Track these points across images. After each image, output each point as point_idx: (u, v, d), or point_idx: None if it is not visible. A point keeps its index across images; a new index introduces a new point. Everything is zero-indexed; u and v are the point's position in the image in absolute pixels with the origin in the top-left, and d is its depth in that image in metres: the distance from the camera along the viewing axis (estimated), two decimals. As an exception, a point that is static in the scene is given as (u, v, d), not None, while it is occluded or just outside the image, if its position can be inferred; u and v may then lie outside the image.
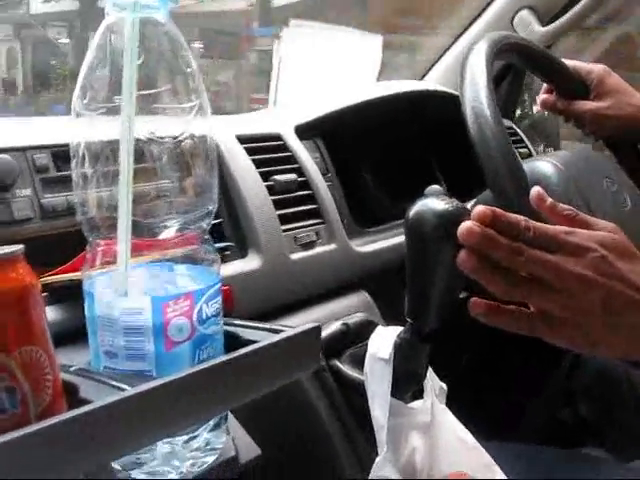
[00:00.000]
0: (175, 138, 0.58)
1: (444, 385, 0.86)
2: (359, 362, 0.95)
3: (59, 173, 0.82)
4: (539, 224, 0.65)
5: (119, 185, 0.55)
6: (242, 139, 1.05)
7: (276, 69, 1.88)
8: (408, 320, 0.79)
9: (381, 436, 0.80)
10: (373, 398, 0.81)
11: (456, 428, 0.84)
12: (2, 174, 0.76)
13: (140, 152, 0.57)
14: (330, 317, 1.02)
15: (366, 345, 0.93)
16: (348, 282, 1.10)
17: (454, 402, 0.85)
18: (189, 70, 0.58)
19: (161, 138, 0.58)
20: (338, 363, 0.98)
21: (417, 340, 0.79)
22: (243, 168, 1.01)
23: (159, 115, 0.57)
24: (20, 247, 0.49)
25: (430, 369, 0.84)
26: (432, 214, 0.69)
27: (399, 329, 0.82)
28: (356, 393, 0.87)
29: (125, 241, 0.55)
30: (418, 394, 0.87)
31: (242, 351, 0.54)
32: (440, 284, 0.74)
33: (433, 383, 0.84)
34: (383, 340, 0.82)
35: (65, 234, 0.79)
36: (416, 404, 0.85)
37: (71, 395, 0.52)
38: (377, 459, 0.80)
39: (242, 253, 0.96)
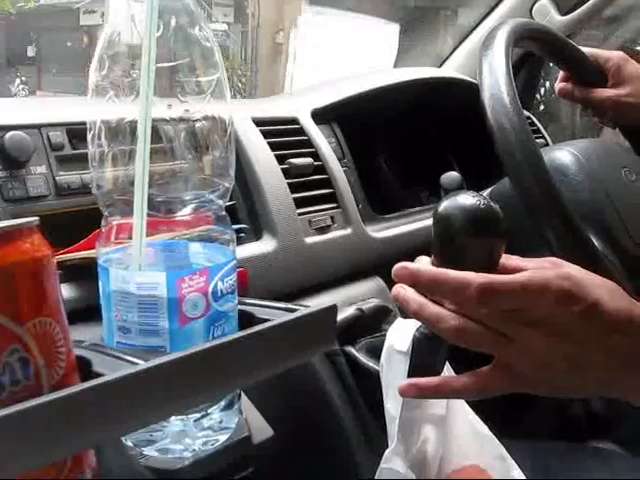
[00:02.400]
0: (193, 115, 0.58)
1: None
2: (374, 351, 0.94)
3: (74, 151, 0.82)
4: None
5: (136, 160, 0.55)
6: (258, 122, 1.04)
7: (292, 56, 1.88)
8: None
9: (392, 428, 0.80)
10: (387, 390, 0.81)
11: (471, 419, 0.84)
12: (17, 151, 0.76)
13: (158, 130, 0.56)
14: (344, 302, 1.01)
15: (382, 335, 0.93)
16: (362, 267, 1.10)
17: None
18: (208, 44, 0.57)
19: (179, 117, 0.58)
20: (353, 350, 0.97)
21: (437, 338, 0.79)
22: (259, 151, 1.00)
23: (177, 90, 0.56)
24: (35, 219, 0.48)
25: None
26: (461, 210, 0.68)
27: (418, 323, 0.82)
28: (370, 381, 0.87)
29: (141, 216, 0.55)
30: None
31: (257, 328, 0.53)
32: None
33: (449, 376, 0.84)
34: (402, 333, 0.82)
35: (79, 212, 0.79)
36: None
37: (84, 369, 0.51)
38: (387, 451, 0.80)
39: (257, 236, 0.96)
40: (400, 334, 0.82)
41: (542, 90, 2.09)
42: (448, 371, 0.84)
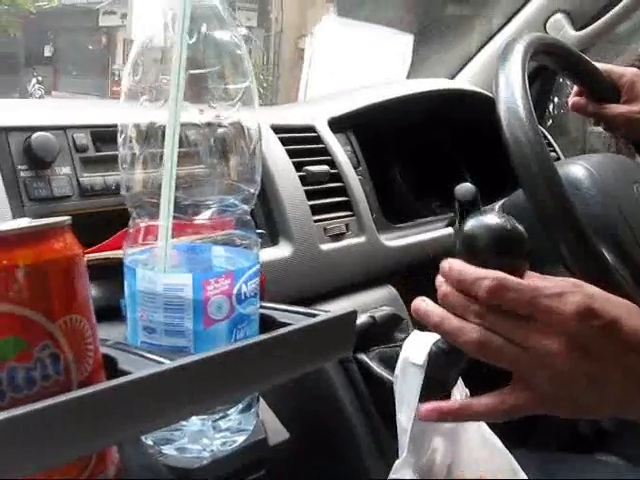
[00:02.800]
0: (222, 121, 0.59)
1: (468, 392, 0.86)
2: (387, 361, 0.95)
3: (98, 153, 0.83)
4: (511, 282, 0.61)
5: (164, 161, 0.56)
6: (277, 129, 1.06)
7: (307, 64, 1.89)
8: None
9: (403, 440, 0.80)
10: (401, 402, 0.81)
11: (483, 430, 0.84)
12: (43, 151, 0.77)
13: (187, 135, 0.57)
14: (357, 309, 1.01)
15: (395, 345, 0.94)
16: (375, 275, 1.11)
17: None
18: (239, 52, 0.58)
19: (209, 122, 0.59)
20: (366, 359, 0.97)
21: (455, 353, 0.79)
22: (277, 157, 1.02)
23: (207, 96, 0.58)
24: (67, 218, 0.49)
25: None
26: (486, 230, 0.69)
27: (436, 336, 0.83)
28: (383, 390, 0.87)
29: (167, 217, 0.56)
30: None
31: (279, 332, 0.54)
32: None
33: (460, 390, 0.84)
34: (418, 346, 0.82)
35: (101, 214, 0.81)
36: None
37: (110, 367, 0.52)
38: (397, 462, 0.80)
39: (273, 241, 0.97)
40: (416, 347, 0.82)
41: (550, 106, 2.10)
42: (461, 386, 0.85)
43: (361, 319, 1.00)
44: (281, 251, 0.96)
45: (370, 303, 1.06)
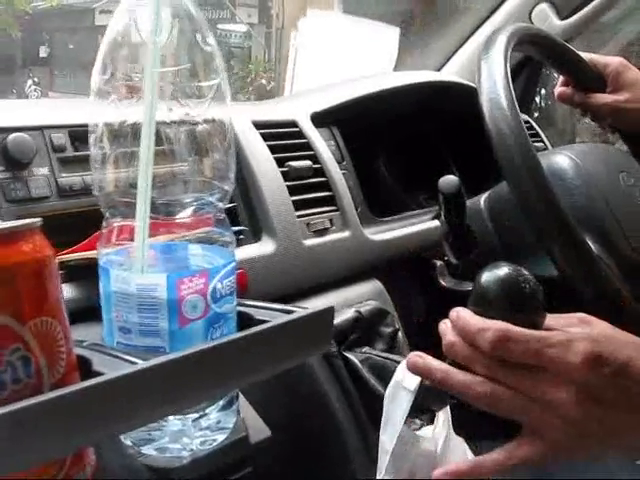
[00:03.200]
0: (193, 118, 0.58)
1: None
2: (378, 371, 0.95)
3: (76, 153, 0.82)
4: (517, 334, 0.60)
5: (140, 163, 0.55)
6: (258, 125, 1.05)
7: (292, 58, 1.89)
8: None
9: (383, 460, 0.80)
10: (386, 423, 0.81)
11: (469, 455, 0.84)
12: (20, 152, 0.76)
13: (159, 133, 0.57)
14: (342, 304, 1.02)
15: (387, 357, 0.94)
16: (361, 270, 1.10)
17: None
18: (208, 48, 0.58)
19: (180, 120, 0.58)
20: (356, 361, 0.97)
21: (447, 393, 0.80)
22: (258, 153, 1.01)
23: (178, 93, 0.57)
24: (38, 220, 0.49)
25: None
26: (499, 284, 0.70)
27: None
28: (376, 403, 0.87)
29: (143, 218, 0.55)
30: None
31: (254, 329, 0.54)
32: None
33: (446, 414, 0.84)
34: None
35: (80, 214, 0.80)
36: (424, 432, 0.85)
37: (84, 368, 0.52)
38: None
39: (256, 237, 0.97)
40: (410, 372, 0.83)
41: (538, 97, 2.10)
42: (445, 414, 0.85)
43: (347, 314, 1.00)
44: (264, 247, 0.95)
45: (356, 298, 1.06)
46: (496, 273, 0.71)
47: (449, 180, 1.17)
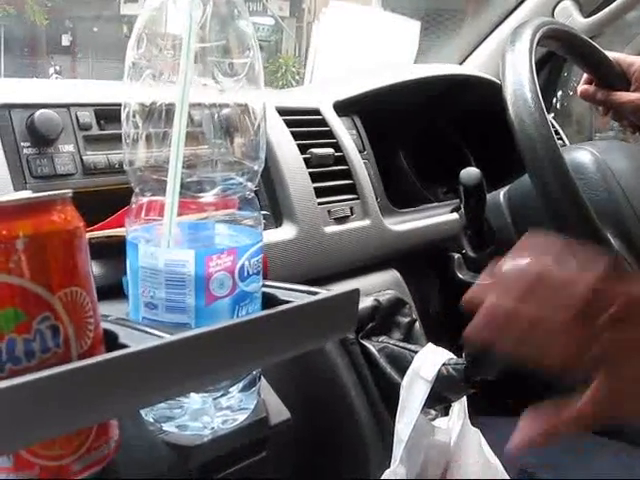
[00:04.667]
0: (226, 98, 0.58)
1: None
2: (394, 361, 0.95)
3: (101, 132, 0.83)
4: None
5: (172, 140, 0.55)
6: (281, 111, 1.05)
7: (314, 48, 1.89)
8: (463, 361, 0.79)
9: (398, 449, 0.81)
10: (402, 411, 0.82)
11: (485, 451, 0.84)
12: (46, 129, 0.76)
13: (190, 112, 0.57)
14: (361, 292, 1.01)
15: (405, 347, 0.94)
16: (379, 259, 1.10)
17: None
18: (243, 27, 0.58)
19: (212, 99, 0.58)
20: (374, 351, 0.97)
21: (464, 383, 0.80)
22: (282, 139, 1.01)
23: (212, 70, 0.57)
24: (68, 191, 0.49)
25: None
26: None
27: (449, 354, 0.83)
28: (393, 392, 0.87)
29: (173, 194, 0.55)
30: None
31: (280, 308, 0.54)
32: None
33: (462, 405, 0.85)
34: (430, 361, 0.83)
35: (104, 192, 0.80)
36: (440, 423, 0.85)
37: (110, 342, 0.52)
38: (387, 471, 0.81)
39: (277, 223, 0.97)
40: (428, 361, 0.83)
41: (557, 95, 2.09)
42: (461, 405, 0.85)
43: (366, 302, 1.00)
44: (285, 233, 0.95)
45: (374, 286, 1.06)
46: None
47: (471, 172, 1.17)
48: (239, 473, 0.68)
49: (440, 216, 1.26)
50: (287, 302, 0.59)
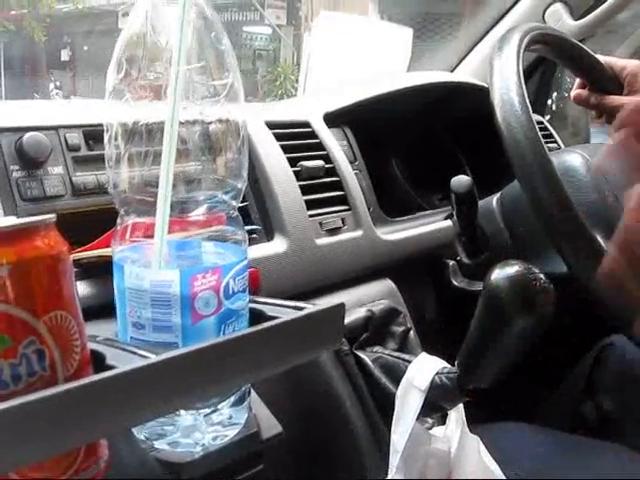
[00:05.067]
0: (207, 117, 0.59)
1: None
2: (389, 371, 0.95)
3: (90, 152, 0.83)
4: None
5: (161, 161, 0.56)
6: (271, 125, 1.06)
7: (306, 58, 1.89)
8: (456, 369, 0.80)
9: (394, 459, 0.81)
10: (397, 422, 0.82)
11: (484, 459, 0.85)
12: (35, 151, 0.77)
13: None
14: (354, 303, 1.02)
15: (399, 357, 0.94)
16: (373, 269, 1.11)
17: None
18: (222, 47, 0.59)
19: (194, 119, 0.59)
20: (369, 362, 0.97)
21: (458, 391, 0.80)
22: (271, 153, 1.02)
23: (192, 91, 0.58)
24: (52, 216, 0.50)
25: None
26: (510, 284, 0.70)
27: (443, 363, 0.83)
28: (388, 403, 0.88)
29: (163, 215, 0.56)
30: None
31: (265, 325, 0.55)
32: (504, 352, 0.75)
33: (459, 413, 0.85)
34: (424, 370, 0.83)
35: (94, 212, 0.81)
36: (437, 431, 0.86)
37: (98, 363, 0.53)
38: None
39: (268, 236, 0.97)
40: (422, 371, 0.83)
41: (551, 99, 2.10)
42: (458, 413, 0.85)
43: (359, 313, 1.01)
44: (276, 246, 0.96)
45: (368, 297, 1.06)
46: (507, 271, 0.72)
47: (461, 180, 1.18)
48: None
49: (434, 224, 1.26)
50: (273, 318, 0.59)
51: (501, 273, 0.73)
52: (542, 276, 0.73)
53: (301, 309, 0.60)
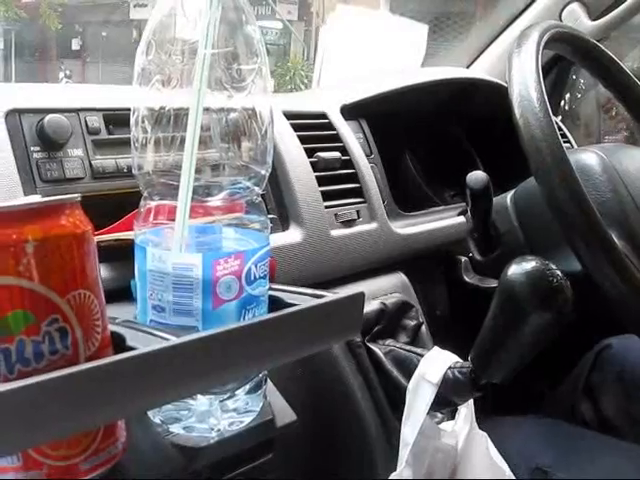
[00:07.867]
0: (234, 103, 0.59)
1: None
2: (401, 364, 0.95)
3: (110, 136, 0.83)
4: None
5: (185, 145, 0.56)
6: (288, 115, 1.06)
7: (321, 52, 1.89)
8: (469, 364, 0.80)
9: (404, 453, 0.81)
10: (408, 415, 0.82)
11: (492, 454, 0.85)
12: (56, 133, 0.77)
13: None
14: (367, 295, 1.00)
15: (411, 350, 0.94)
16: (386, 262, 1.11)
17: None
18: (251, 32, 0.58)
19: (221, 103, 0.59)
20: (381, 354, 0.97)
21: (470, 386, 0.80)
22: (288, 143, 1.02)
23: (220, 77, 0.58)
24: (77, 195, 0.50)
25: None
26: (527, 279, 0.70)
27: (455, 358, 0.83)
28: (399, 396, 0.88)
29: (185, 198, 0.56)
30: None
31: (287, 311, 0.55)
32: (519, 348, 0.75)
33: (469, 408, 0.85)
34: (436, 364, 0.83)
35: (113, 196, 0.81)
36: (446, 426, 0.86)
37: (118, 344, 0.53)
38: (393, 474, 0.81)
39: (284, 226, 0.97)
40: (434, 365, 0.83)
41: (565, 98, 2.10)
42: (468, 409, 0.85)
43: (372, 305, 1.01)
44: (292, 236, 0.96)
45: (380, 290, 1.06)
46: (524, 266, 0.71)
47: (477, 176, 1.18)
48: (247, 474, 0.69)
49: (447, 219, 1.26)
50: (293, 305, 0.59)
51: (518, 268, 0.73)
52: (559, 272, 0.73)
53: (321, 297, 0.60)
